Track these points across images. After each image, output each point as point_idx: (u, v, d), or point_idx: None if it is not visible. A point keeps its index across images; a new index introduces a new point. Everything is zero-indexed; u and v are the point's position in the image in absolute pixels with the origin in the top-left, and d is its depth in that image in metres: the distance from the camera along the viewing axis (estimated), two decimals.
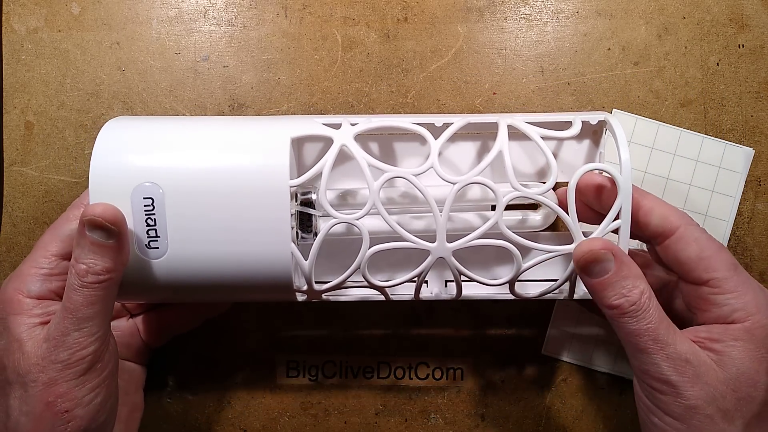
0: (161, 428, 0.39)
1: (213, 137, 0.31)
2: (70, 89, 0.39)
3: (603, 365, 0.39)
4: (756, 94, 0.39)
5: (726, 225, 0.39)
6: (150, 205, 0.30)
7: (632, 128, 0.39)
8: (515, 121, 0.32)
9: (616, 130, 0.31)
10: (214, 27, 0.40)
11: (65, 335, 0.28)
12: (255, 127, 0.32)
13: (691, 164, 0.39)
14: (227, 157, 0.31)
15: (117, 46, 0.40)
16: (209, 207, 0.30)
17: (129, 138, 0.31)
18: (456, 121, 0.32)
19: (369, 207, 0.30)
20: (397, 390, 0.39)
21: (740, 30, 0.40)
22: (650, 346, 0.27)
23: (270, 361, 0.39)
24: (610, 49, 0.40)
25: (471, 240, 0.31)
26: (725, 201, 0.39)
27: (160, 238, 0.30)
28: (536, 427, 0.39)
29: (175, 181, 0.30)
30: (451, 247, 0.31)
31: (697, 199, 0.39)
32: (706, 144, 0.39)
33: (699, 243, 0.29)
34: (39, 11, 0.40)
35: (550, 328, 0.39)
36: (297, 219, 0.32)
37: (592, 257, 0.29)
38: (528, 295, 0.33)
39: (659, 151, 0.39)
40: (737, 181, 0.39)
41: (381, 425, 0.39)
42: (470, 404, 0.39)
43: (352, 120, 0.32)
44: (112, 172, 0.30)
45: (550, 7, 0.40)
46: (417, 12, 0.40)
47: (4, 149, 0.39)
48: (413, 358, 0.40)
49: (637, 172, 0.39)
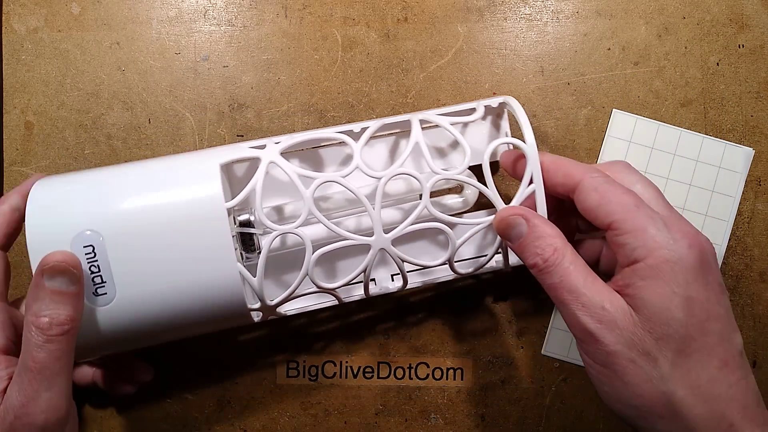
0: (161, 428, 0.39)
1: (144, 178, 0.32)
2: (70, 89, 0.39)
3: None
4: (756, 94, 0.39)
5: (726, 225, 0.39)
6: (91, 253, 0.30)
7: (632, 128, 0.39)
8: (426, 116, 0.34)
9: (516, 109, 0.34)
10: (214, 27, 0.40)
11: (36, 399, 0.27)
12: (184, 161, 0.33)
13: (691, 164, 0.39)
14: (161, 194, 0.31)
15: (117, 46, 0.40)
16: (151, 245, 0.30)
17: (60, 193, 0.31)
18: (372, 125, 0.34)
19: (305, 214, 0.31)
20: (397, 390, 0.39)
21: (740, 30, 0.40)
22: (566, 297, 0.28)
23: (270, 361, 0.39)
24: (610, 49, 0.40)
25: (406, 226, 0.32)
26: (725, 201, 0.39)
27: (106, 284, 0.30)
28: (536, 427, 0.39)
29: (112, 224, 0.30)
30: (389, 237, 0.32)
31: (697, 199, 0.39)
32: (706, 144, 0.39)
33: (599, 191, 0.30)
34: (39, 11, 0.40)
35: (550, 328, 0.39)
36: (239, 241, 0.33)
37: (505, 223, 0.31)
38: (468, 272, 0.35)
39: (659, 151, 0.39)
40: (737, 181, 0.39)
41: (381, 425, 0.39)
42: (470, 404, 0.39)
43: (276, 140, 0.33)
44: (49, 228, 0.30)
45: (550, 7, 0.40)
46: (417, 12, 0.40)
47: (4, 149, 0.39)
48: (413, 358, 0.40)
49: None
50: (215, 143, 0.39)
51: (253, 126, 0.39)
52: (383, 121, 0.34)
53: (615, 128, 0.39)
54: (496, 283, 0.39)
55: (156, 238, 0.30)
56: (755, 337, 0.39)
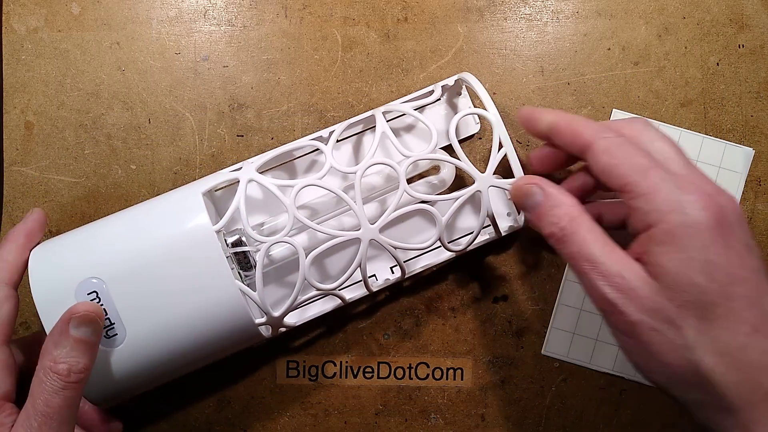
0: (161, 428, 0.39)
1: (134, 221, 0.33)
2: (70, 89, 0.39)
3: (603, 365, 0.39)
4: (756, 94, 0.39)
5: None
6: (96, 298, 0.31)
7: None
8: (388, 107, 0.36)
9: (472, 82, 0.36)
10: (214, 27, 0.40)
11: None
12: (168, 198, 0.34)
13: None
14: (152, 232, 0.32)
15: (117, 46, 0.40)
16: (152, 281, 0.31)
17: (58, 251, 0.33)
18: (338, 127, 0.35)
19: (291, 220, 0.32)
20: (397, 390, 0.39)
21: (740, 30, 0.40)
22: (585, 266, 0.27)
23: (270, 361, 0.39)
24: (610, 49, 0.40)
25: (390, 213, 0.33)
26: None
27: (115, 325, 0.31)
28: (536, 427, 0.39)
29: (111, 269, 0.32)
30: (376, 226, 0.33)
31: None
32: (706, 144, 0.39)
33: (610, 152, 0.28)
34: (39, 11, 0.40)
35: (550, 328, 0.39)
36: (235, 261, 0.34)
37: (521, 192, 0.31)
38: (461, 247, 0.35)
39: None
40: (737, 181, 0.39)
41: (381, 425, 0.39)
42: (470, 404, 0.39)
43: (251, 160, 0.35)
44: (52, 283, 0.32)
45: (550, 7, 0.40)
46: (417, 12, 0.40)
47: (4, 149, 0.39)
48: (413, 358, 0.40)
49: None
50: (215, 143, 0.39)
51: (253, 126, 0.39)
52: (349, 121, 0.36)
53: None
54: (496, 283, 0.39)
55: (155, 274, 0.32)
56: None
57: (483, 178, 0.34)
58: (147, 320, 0.32)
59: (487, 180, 0.34)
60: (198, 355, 0.33)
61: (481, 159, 0.40)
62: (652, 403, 0.39)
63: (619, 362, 0.39)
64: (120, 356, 0.32)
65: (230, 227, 0.35)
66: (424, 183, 0.38)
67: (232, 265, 0.33)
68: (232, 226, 0.35)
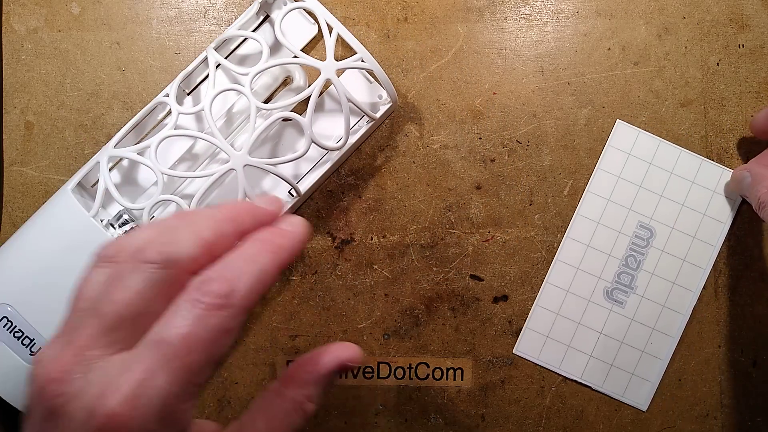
0: None
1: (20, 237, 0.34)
2: (70, 89, 0.39)
3: (572, 372, 0.39)
4: (756, 94, 0.39)
5: (713, 250, 0.39)
6: (7, 323, 0.32)
7: (633, 141, 0.39)
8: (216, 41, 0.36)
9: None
10: (214, 27, 0.40)
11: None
12: (44, 207, 0.35)
13: (687, 185, 0.39)
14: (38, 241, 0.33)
15: (117, 46, 0.40)
16: (56, 288, 0.32)
17: None
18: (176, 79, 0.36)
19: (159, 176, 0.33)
20: (397, 390, 0.39)
21: (740, 30, 0.40)
22: None
23: (270, 361, 0.39)
24: (610, 49, 0.40)
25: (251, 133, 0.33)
26: (715, 226, 0.39)
27: (35, 340, 0.32)
28: (536, 427, 0.39)
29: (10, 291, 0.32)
30: (244, 151, 0.33)
31: (687, 220, 0.39)
32: (704, 167, 0.39)
33: None
34: (39, 11, 0.40)
35: (524, 329, 0.39)
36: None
37: (735, 179, 0.38)
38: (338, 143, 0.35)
39: (657, 168, 0.39)
40: (730, 207, 0.39)
41: (381, 425, 0.39)
42: (470, 404, 0.39)
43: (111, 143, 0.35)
44: None
45: (550, 7, 0.40)
46: (417, 12, 0.40)
47: (4, 149, 0.39)
48: (413, 358, 0.40)
49: (632, 185, 0.39)
50: None
51: None
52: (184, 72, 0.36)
53: (616, 139, 0.39)
54: (496, 283, 0.39)
55: (56, 280, 0.32)
56: (755, 337, 0.39)
57: (325, 65, 0.34)
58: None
59: (330, 66, 0.34)
60: None
61: (482, 159, 0.40)
62: (652, 404, 0.39)
63: (588, 371, 0.39)
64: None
65: (114, 212, 0.36)
66: (284, 95, 0.38)
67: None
68: (114, 211, 0.36)
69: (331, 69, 0.33)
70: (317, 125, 0.38)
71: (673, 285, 0.39)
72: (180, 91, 0.37)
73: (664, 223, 0.39)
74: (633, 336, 0.38)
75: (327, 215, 0.34)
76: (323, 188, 0.39)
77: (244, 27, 0.37)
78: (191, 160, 0.38)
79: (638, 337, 0.38)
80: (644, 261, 0.39)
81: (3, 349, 0.32)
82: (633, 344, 0.38)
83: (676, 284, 0.39)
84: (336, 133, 0.38)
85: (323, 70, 0.33)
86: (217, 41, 0.36)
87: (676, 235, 0.39)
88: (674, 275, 0.39)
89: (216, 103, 0.37)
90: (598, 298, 0.39)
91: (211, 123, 0.33)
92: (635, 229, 0.39)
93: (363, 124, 0.38)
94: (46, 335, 0.32)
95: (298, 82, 0.38)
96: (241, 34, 0.35)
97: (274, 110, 0.35)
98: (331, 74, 0.33)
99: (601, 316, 0.39)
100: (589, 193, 0.39)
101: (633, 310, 0.39)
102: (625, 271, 0.39)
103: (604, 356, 0.38)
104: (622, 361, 0.38)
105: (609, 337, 0.39)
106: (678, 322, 0.38)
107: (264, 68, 0.34)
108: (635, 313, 0.39)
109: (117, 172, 0.38)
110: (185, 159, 0.37)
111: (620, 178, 0.39)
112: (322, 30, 0.34)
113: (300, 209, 0.39)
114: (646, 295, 0.39)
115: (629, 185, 0.39)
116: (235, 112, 0.38)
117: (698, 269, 0.39)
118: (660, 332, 0.38)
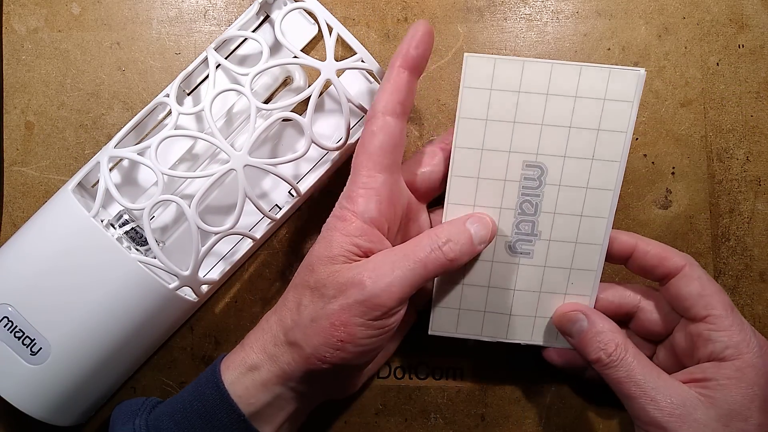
0: None
1: (21, 237, 0.34)
2: (70, 89, 0.39)
3: (495, 335, 0.36)
4: (756, 94, 0.39)
5: (618, 166, 0.33)
6: (8, 323, 0.32)
7: (491, 72, 0.33)
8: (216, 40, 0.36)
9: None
10: (214, 27, 0.40)
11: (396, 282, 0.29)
12: (44, 207, 0.35)
13: (569, 102, 0.33)
14: (39, 241, 0.33)
15: (117, 46, 0.40)
16: (57, 288, 0.32)
17: None
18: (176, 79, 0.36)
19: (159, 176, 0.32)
20: (397, 390, 0.39)
21: (740, 30, 0.40)
22: (634, 391, 0.30)
23: None
24: (610, 49, 0.40)
25: (252, 134, 0.33)
26: (615, 138, 0.33)
27: (36, 340, 0.32)
28: (536, 427, 0.39)
29: (12, 290, 0.32)
30: (244, 151, 0.33)
31: (580, 142, 0.33)
32: (585, 73, 0.33)
33: (701, 281, 0.32)
34: (39, 11, 0.40)
35: (433, 307, 0.36)
36: (129, 240, 0.35)
37: (566, 319, 0.33)
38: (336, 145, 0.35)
39: (528, 94, 0.33)
40: (627, 112, 0.33)
41: (381, 425, 0.39)
42: (470, 404, 0.39)
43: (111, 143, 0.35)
44: None
45: (550, 7, 0.40)
46: (417, 12, 0.40)
47: (4, 149, 0.39)
48: (413, 358, 0.40)
49: (505, 123, 0.33)
50: None
51: None
52: (184, 72, 0.36)
53: (470, 77, 0.33)
54: None
55: (55, 278, 0.32)
56: None
57: (325, 65, 0.34)
58: (65, 323, 0.32)
59: (330, 66, 0.34)
60: (135, 340, 0.34)
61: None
62: None
63: (512, 330, 0.36)
64: (55, 367, 0.32)
65: (114, 212, 0.36)
66: (284, 95, 0.38)
67: (128, 244, 0.34)
68: (115, 211, 0.36)
69: (331, 69, 0.33)
70: (317, 125, 0.38)
71: (581, 217, 0.34)
72: (180, 91, 0.37)
73: (554, 154, 0.33)
74: (550, 282, 0.35)
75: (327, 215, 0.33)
76: (323, 188, 0.39)
77: (244, 27, 0.37)
78: (191, 160, 0.38)
79: (557, 283, 0.35)
80: (541, 203, 0.34)
81: (3, 349, 0.32)
82: (553, 290, 0.35)
83: (584, 216, 0.34)
84: (336, 133, 0.38)
85: (323, 71, 0.33)
86: (217, 41, 0.36)
87: (571, 163, 0.33)
88: (580, 207, 0.34)
89: (216, 104, 0.37)
90: (502, 255, 0.35)
91: (212, 123, 0.33)
92: (522, 170, 0.34)
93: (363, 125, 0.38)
94: (47, 335, 0.32)
95: (298, 82, 0.38)
96: (241, 34, 0.35)
97: (274, 110, 0.35)
98: (331, 74, 0.33)
99: (510, 272, 0.35)
100: (458, 149, 0.34)
101: (543, 258, 0.35)
102: (524, 219, 0.34)
103: (525, 311, 0.35)
104: (546, 309, 0.35)
105: (525, 291, 0.35)
106: (596, 255, 0.35)
107: (264, 68, 0.34)
108: (546, 259, 0.35)
109: (117, 172, 0.38)
110: (185, 159, 0.37)
111: (488, 120, 0.33)
112: (322, 30, 0.34)
113: (300, 209, 0.39)
114: (553, 237, 0.34)
115: (501, 124, 0.33)
116: (235, 113, 0.38)
117: (606, 192, 0.34)
118: (578, 269, 0.35)
